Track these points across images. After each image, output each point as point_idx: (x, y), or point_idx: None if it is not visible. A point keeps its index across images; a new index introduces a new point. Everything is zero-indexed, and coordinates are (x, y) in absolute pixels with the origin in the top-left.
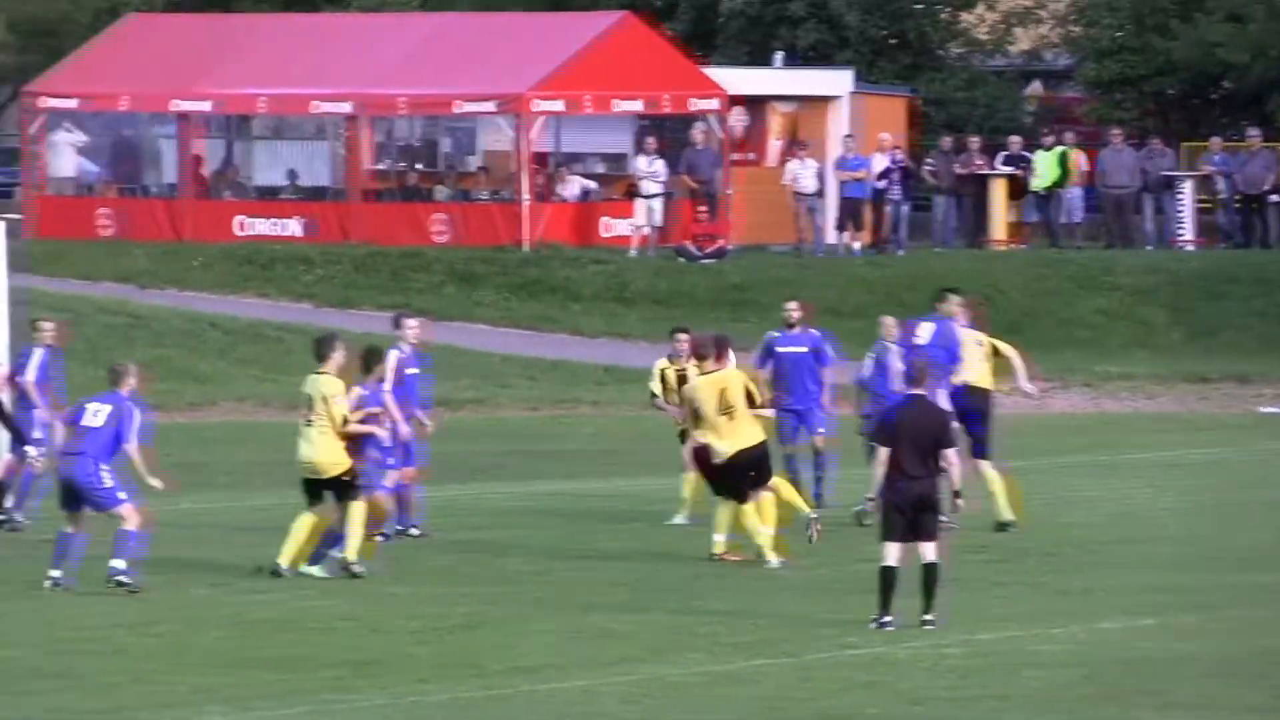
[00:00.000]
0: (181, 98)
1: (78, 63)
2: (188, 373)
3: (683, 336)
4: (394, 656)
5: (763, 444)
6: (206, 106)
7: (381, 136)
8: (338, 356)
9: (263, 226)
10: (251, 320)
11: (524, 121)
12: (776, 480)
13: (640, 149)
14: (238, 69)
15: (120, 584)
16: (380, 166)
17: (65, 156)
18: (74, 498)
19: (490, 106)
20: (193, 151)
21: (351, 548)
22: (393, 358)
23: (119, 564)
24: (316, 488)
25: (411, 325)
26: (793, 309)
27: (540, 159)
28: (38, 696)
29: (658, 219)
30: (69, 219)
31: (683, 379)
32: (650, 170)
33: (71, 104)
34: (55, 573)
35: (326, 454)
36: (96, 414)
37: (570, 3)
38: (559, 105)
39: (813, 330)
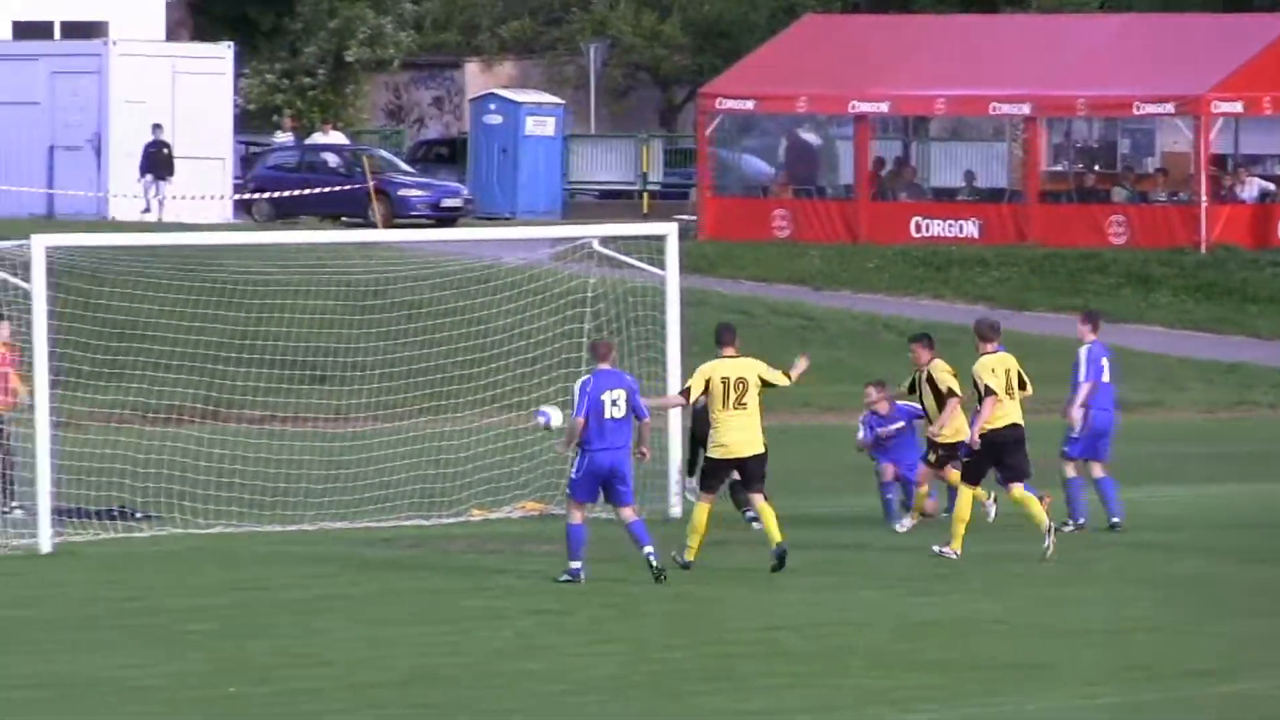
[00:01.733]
0: (860, 99)
1: (754, 64)
2: (862, 374)
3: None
4: (1061, 660)
5: None
6: (884, 108)
7: (1059, 138)
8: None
9: (938, 228)
10: (926, 322)
11: (1203, 123)
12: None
13: None
14: (916, 70)
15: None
16: (1057, 168)
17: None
18: (606, 489)
19: (1169, 108)
20: (874, 154)
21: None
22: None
23: (651, 548)
24: None
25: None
26: None
27: (1218, 161)
28: (701, 698)
29: None
30: (743, 220)
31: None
32: None
33: (748, 105)
34: (576, 564)
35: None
36: (616, 404)
37: (1250, 3)
38: (1238, 106)
39: None
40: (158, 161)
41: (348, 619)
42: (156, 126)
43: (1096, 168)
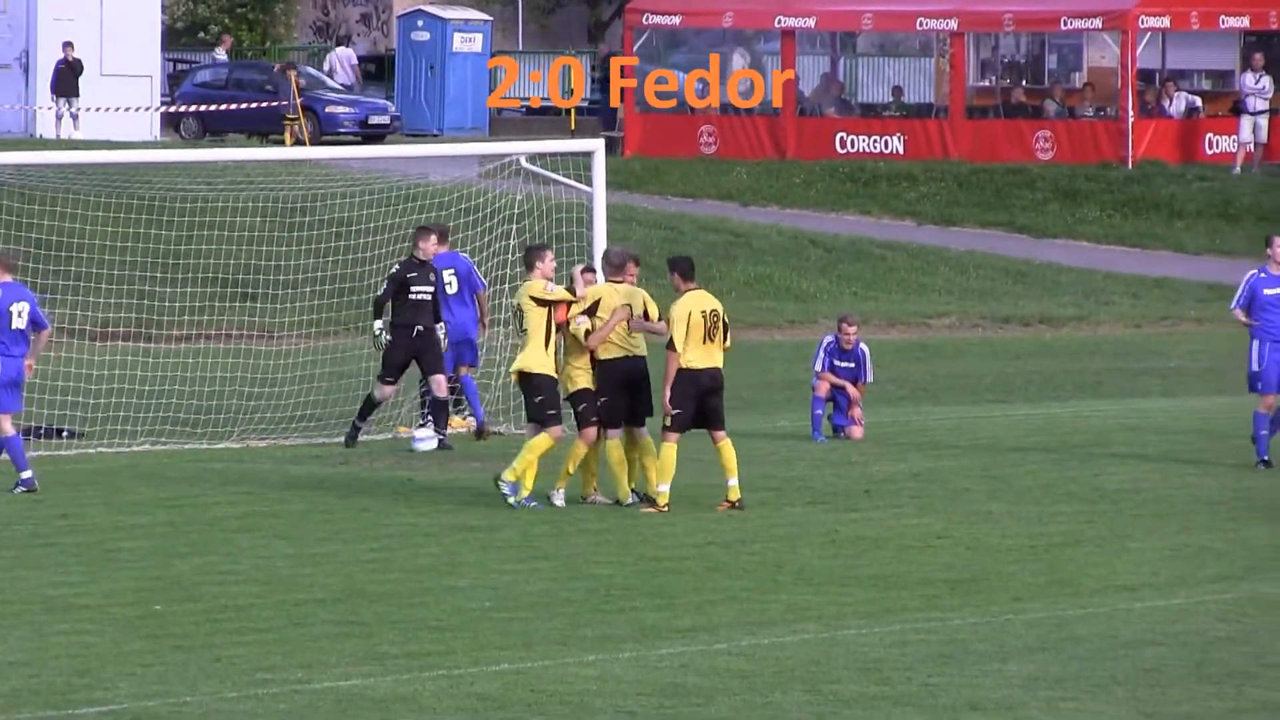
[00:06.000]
0: (786, 14)
1: None
2: (788, 290)
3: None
4: (989, 574)
5: None
6: (810, 23)
7: (986, 53)
8: None
9: (864, 144)
10: (853, 237)
11: (1129, 38)
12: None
13: (1247, 66)
14: None
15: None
16: (984, 83)
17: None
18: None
19: (1096, 23)
20: (795, 69)
21: None
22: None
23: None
24: None
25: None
26: None
27: (1145, 76)
28: (631, 614)
29: (1263, 135)
30: (670, 137)
31: None
32: (1256, 87)
33: (674, 21)
34: (28, 474)
35: None
36: (21, 315)
37: None
38: (1165, 22)
39: None
40: (67, 80)
41: (274, 537)
42: (67, 44)
43: (1023, 83)
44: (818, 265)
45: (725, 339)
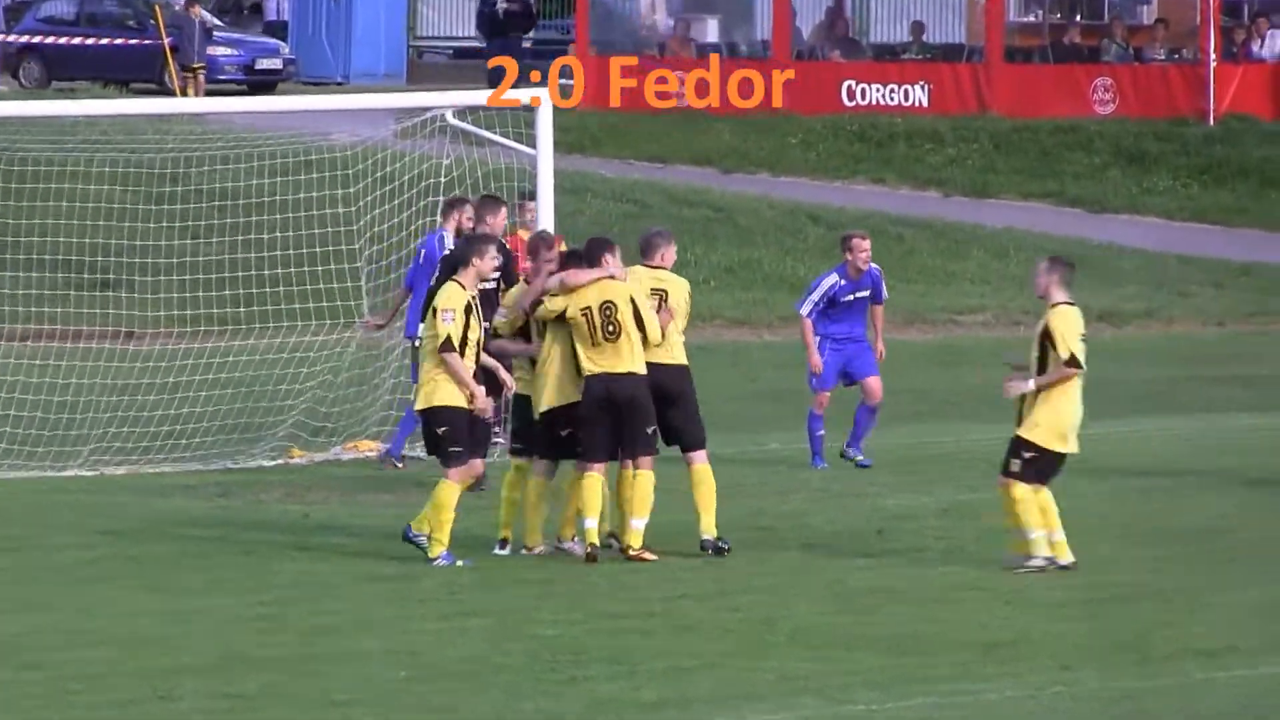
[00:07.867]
0: None
1: None
2: (782, 278)
3: None
4: (1033, 635)
5: None
6: None
7: None
8: None
9: (877, 95)
10: (863, 212)
11: None
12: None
13: None
14: None
15: None
16: (1028, 19)
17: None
18: None
19: None
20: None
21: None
22: None
23: None
24: None
25: None
26: None
27: (1231, 9)
28: (582, 684)
29: None
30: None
31: None
32: None
33: None
34: None
35: None
36: None
37: None
38: None
39: None
40: None
41: (136, 588)
42: None
43: (1078, 19)
44: (819, 247)
45: (643, 329)
